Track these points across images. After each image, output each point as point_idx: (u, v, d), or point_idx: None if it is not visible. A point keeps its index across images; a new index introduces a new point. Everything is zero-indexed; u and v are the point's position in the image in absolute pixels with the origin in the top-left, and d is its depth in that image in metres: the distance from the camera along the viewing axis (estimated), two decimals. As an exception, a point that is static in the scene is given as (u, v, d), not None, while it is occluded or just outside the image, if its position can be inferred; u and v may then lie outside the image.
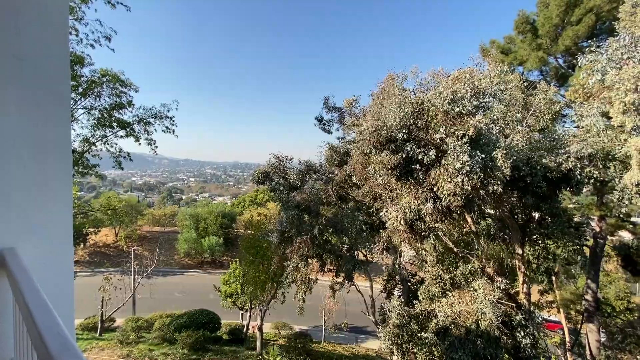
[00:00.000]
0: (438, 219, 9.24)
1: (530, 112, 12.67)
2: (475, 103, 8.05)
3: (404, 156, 8.39)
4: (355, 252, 18.55)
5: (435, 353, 12.25)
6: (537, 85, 13.66)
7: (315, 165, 16.73)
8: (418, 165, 8.58)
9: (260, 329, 22.50)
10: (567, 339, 16.65)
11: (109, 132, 16.75)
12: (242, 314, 28.63)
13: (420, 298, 13.83)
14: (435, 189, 8.11)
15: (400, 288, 19.03)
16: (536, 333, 11.51)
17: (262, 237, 17.49)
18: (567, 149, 10.07)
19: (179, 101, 17.26)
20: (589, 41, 12.15)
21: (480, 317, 11.04)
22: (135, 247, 33.70)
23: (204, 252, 44.88)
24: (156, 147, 17.27)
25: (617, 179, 9.65)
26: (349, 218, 18.07)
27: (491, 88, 10.11)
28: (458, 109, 7.84)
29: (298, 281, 16.03)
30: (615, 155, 9.31)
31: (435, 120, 8.21)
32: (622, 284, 24.26)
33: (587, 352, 15.23)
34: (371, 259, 16.94)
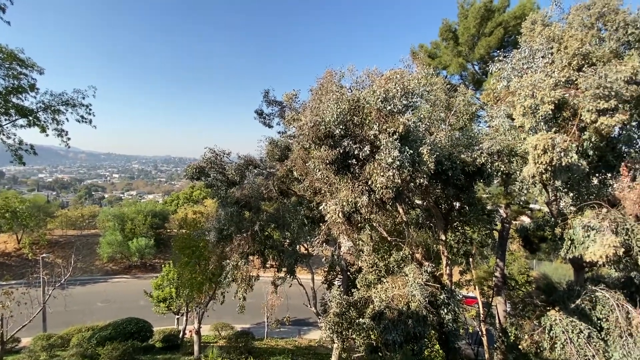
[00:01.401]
0: (373, 211, 9.76)
1: (452, 113, 14.05)
2: (405, 102, 8.65)
3: (341, 151, 8.66)
4: (297, 246, 18.67)
5: (372, 336, 13.01)
6: (458, 88, 15.16)
7: (255, 159, 16.32)
8: (354, 160, 8.93)
9: (198, 333, 21.39)
10: (481, 312, 19.14)
11: (5, 120, 14.08)
12: (177, 318, 26.87)
13: (358, 286, 14.55)
14: (369, 182, 8.55)
15: (340, 278, 19.79)
16: (457, 309, 12.96)
17: (198, 236, 16.53)
18: (480, 145, 11.45)
19: (96, 87, 15.24)
20: (498, 51, 13.90)
21: (410, 300, 12.02)
22: (44, 255, 29.08)
23: (131, 255, 40.82)
24: (68, 138, 15.06)
25: (518, 172, 11.28)
26: (291, 213, 18.09)
27: (419, 89, 10.95)
28: (390, 107, 8.34)
29: (238, 280, 15.56)
30: (517, 152, 10.85)
31: (369, 117, 8.62)
32: (523, 261, 28.68)
33: (497, 321, 17.71)
34: (313, 252, 17.22)
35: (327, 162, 8.79)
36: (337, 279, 20.02)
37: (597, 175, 11.51)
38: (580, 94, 8.95)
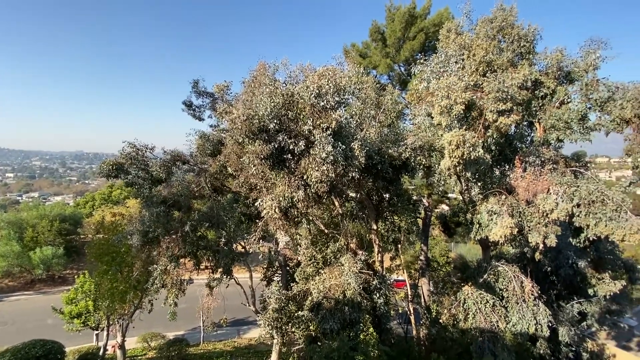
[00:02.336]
0: (309, 205, 9.91)
1: (381, 110, 14.91)
2: (337, 99, 8.90)
3: (276, 146, 8.56)
4: (234, 245, 18.05)
5: (311, 327, 13.30)
6: (386, 88, 16.13)
7: (184, 155, 15.18)
8: (290, 155, 8.92)
9: (121, 347, 19.35)
10: (409, 293, 20.99)
11: None
12: (97, 334, 23.87)
13: (297, 280, 14.71)
14: (305, 177, 8.64)
15: (279, 274, 19.74)
16: (388, 293, 13.98)
17: (118, 240, 14.80)
18: (405, 141, 12.42)
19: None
20: (420, 54, 15.14)
21: (346, 288, 12.59)
22: None
23: (34, 268, 34.79)
24: None
25: (437, 165, 12.53)
26: (227, 210, 17.33)
27: (351, 86, 11.38)
28: (323, 103, 8.50)
29: (168, 285, 14.43)
30: (436, 147, 12.03)
31: (304, 113, 8.68)
32: (443, 244, 32.14)
33: (422, 300, 19.61)
34: (250, 250, 16.83)
35: (262, 157, 8.62)
36: (276, 274, 19.92)
37: (498, 167, 13.45)
38: (484, 96, 10.29)
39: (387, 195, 15.92)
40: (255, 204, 9.29)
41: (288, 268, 18.68)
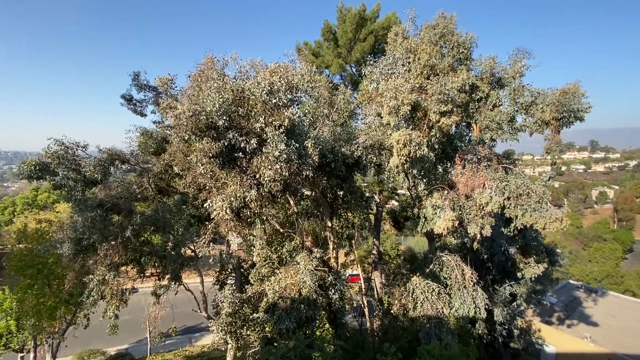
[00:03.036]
0: (263, 205, 9.69)
1: (334, 110, 15.12)
2: (290, 96, 8.81)
3: (226, 144, 8.22)
4: (183, 249, 17.06)
5: (267, 329, 13.09)
6: (339, 87, 16.40)
7: (123, 153, 13.92)
8: (241, 153, 8.63)
9: (52, 369, 17.26)
10: (363, 286, 21.68)
11: None
12: (22, 357, 20.99)
13: (251, 281, 14.36)
14: (258, 176, 8.42)
15: (233, 276, 19.11)
16: (342, 288, 14.28)
17: (45, 250, 13.12)
18: (357, 140, 12.75)
19: None
20: (370, 56, 15.62)
21: (302, 286, 12.59)
22: None
23: None
24: None
25: (386, 163, 13.06)
26: (173, 213, 16.31)
27: (303, 85, 11.35)
28: (275, 101, 8.35)
29: (107, 296, 13.18)
30: (385, 146, 12.52)
31: (255, 110, 8.44)
32: (394, 238, 33.75)
33: (375, 292, 20.39)
34: (200, 254, 16.06)
35: (211, 155, 8.21)
36: (230, 277, 19.26)
37: (441, 164, 14.44)
38: (428, 98, 10.96)
39: (341, 193, 16.24)
40: (205, 205, 8.83)
41: (242, 270, 18.16)
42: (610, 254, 58.92)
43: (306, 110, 12.08)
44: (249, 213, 9.28)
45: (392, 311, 15.26)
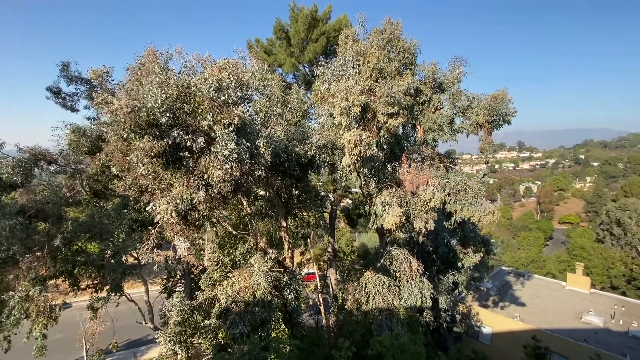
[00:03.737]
0: (213, 206, 9.30)
1: (288, 109, 15.07)
2: (240, 94, 8.58)
3: (170, 142, 7.73)
4: (124, 256, 15.73)
5: (220, 335, 12.64)
6: (292, 87, 16.38)
7: (50, 153, 12.41)
8: (187, 152, 8.20)
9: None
10: (319, 284, 21.94)
11: None
12: None
13: (202, 287, 13.72)
14: (206, 176, 8.06)
15: (183, 283, 18.08)
16: (298, 287, 14.30)
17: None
18: (311, 140, 12.85)
19: None
20: (322, 57, 15.87)
21: (256, 289, 12.35)
22: None
23: None
24: None
25: (339, 162, 13.36)
26: (113, 218, 14.98)
27: (254, 82, 11.13)
28: (224, 98, 8.07)
29: (32, 314, 11.66)
30: (338, 145, 12.80)
31: (202, 107, 8.06)
32: (348, 235, 34.68)
33: (330, 289, 20.75)
34: (143, 261, 14.98)
35: (153, 154, 7.67)
36: (178, 284, 18.19)
37: (390, 163, 15.16)
38: (377, 100, 11.43)
39: (296, 192, 16.24)
40: (147, 209, 8.23)
41: (193, 276, 17.27)
42: (534, 241, 66.87)
43: (258, 109, 11.86)
44: (197, 216, 8.85)
45: (346, 306, 15.66)
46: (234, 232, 15.84)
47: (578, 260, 39.45)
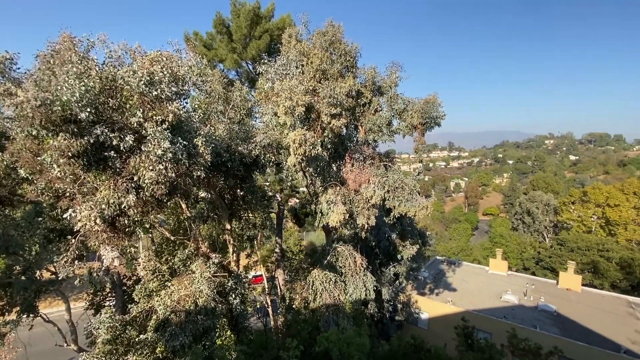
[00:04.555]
0: (145, 211, 8.57)
1: (230, 106, 14.53)
2: (174, 89, 8.01)
3: (92, 141, 6.90)
4: (38, 271, 13.73)
5: (159, 349, 11.73)
6: (235, 84, 15.83)
7: None
8: (114, 152, 7.41)
9: None
10: (267, 286, 21.60)
11: None
12: None
13: (136, 299, 12.58)
14: (136, 178, 7.38)
15: (113, 297, 16.36)
16: (244, 291, 13.91)
17: None
18: (255, 139, 12.58)
19: None
20: (266, 55, 15.57)
21: (198, 296, 11.71)
22: None
23: None
24: None
25: (285, 162, 13.30)
26: (22, 228, 12.96)
27: (192, 77, 10.52)
28: (156, 93, 7.46)
29: None
30: (283, 145, 12.72)
31: (130, 102, 7.34)
32: (297, 234, 34.68)
33: (279, 290, 20.57)
34: (61, 275, 13.26)
35: (71, 154, 6.78)
36: (108, 299, 16.41)
37: (334, 163, 15.53)
38: (320, 100, 11.62)
39: (241, 193, 15.76)
40: (65, 216, 7.26)
41: (125, 288, 15.72)
42: (463, 232, 74.38)
43: (196, 105, 11.23)
44: (127, 222, 8.06)
45: (294, 306, 15.67)
46: (172, 238, 14.81)
47: (498, 247, 44.82)
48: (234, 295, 13.08)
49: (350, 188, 12.49)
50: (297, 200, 23.76)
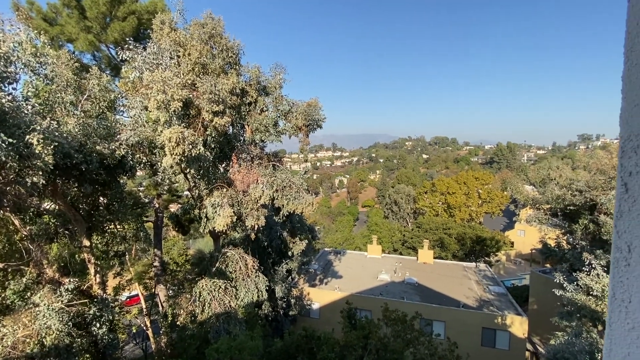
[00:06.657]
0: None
1: (85, 97, 12.01)
2: (-9, 70, 6.06)
3: None
4: None
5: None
6: (91, 70, 13.16)
7: None
8: None
9: None
10: (144, 306, 18.86)
11: None
12: None
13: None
14: None
15: None
16: (113, 317, 11.77)
17: None
18: (120, 136, 10.75)
19: None
20: (133, 39, 13.48)
21: (45, 334, 9.31)
22: None
23: None
24: None
25: (160, 163, 11.85)
26: None
27: (24, 56, 8.21)
28: (-42, 72, 5.48)
29: None
30: (157, 144, 11.31)
31: None
32: (182, 243, 31.47)
33: (160, 308, 18.24)
34: None
35: None
36: None
37: (221, 163, 14.77)
38: (200, 96, 10.83)
39: (105, 201, 13.23)
40: None
41: None
42: (346, 224, 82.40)
43: (31, 93, 8.81)
44: None
45: (178, 322, 14.20)
46: (1, 265, 11.27)
47: (374, 234, 51.49)
48: (98, 325, 10.90)
49: (238, 189, 12.11)
50: (180, 206, 21.58)
